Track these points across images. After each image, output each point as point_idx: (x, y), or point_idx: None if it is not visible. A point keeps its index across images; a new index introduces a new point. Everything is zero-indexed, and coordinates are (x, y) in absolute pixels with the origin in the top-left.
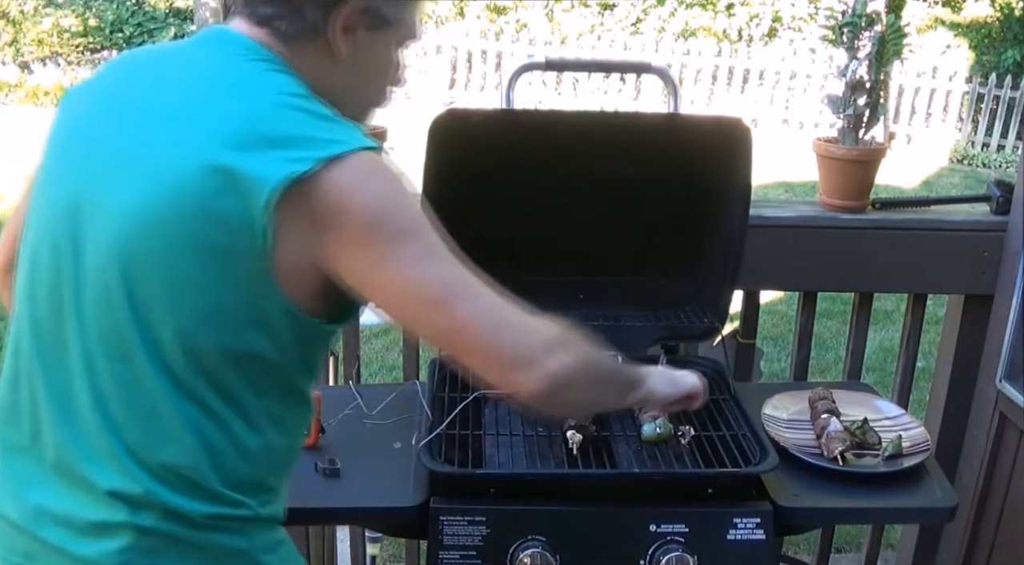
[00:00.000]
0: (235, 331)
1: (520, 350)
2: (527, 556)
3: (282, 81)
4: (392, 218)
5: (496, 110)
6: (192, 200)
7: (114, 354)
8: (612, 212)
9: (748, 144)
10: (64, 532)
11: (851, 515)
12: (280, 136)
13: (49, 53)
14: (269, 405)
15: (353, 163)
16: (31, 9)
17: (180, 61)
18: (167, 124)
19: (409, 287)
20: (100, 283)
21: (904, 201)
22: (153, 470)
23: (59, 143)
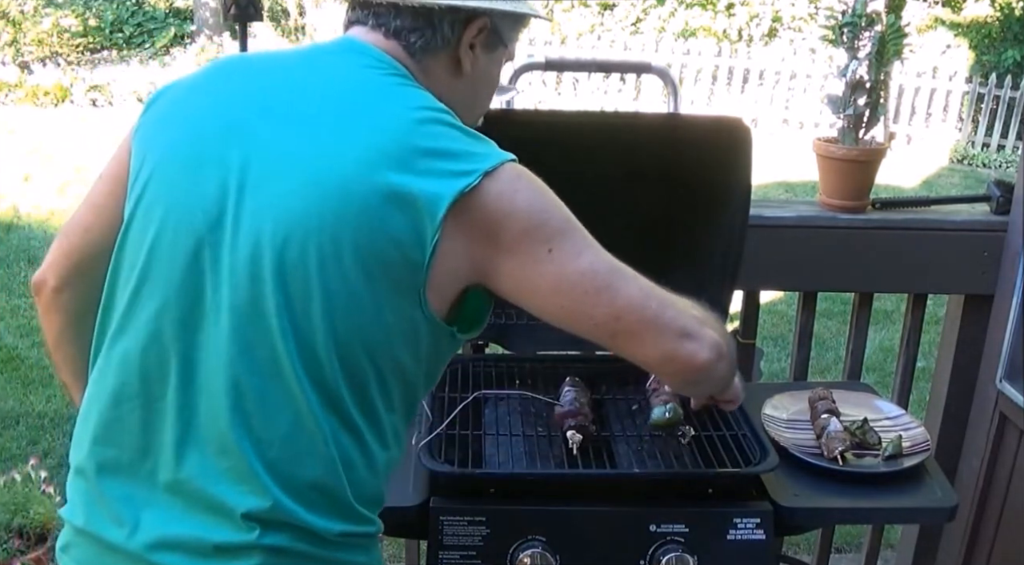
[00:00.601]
0: (387, 341)
1: (685, 323)
2: (527, 556)
3: (422, 96)
4: (548, 219)
5: (496, 110)
6: (360, 213)
7: (262, 368)
8: (612, 212)
9: (748, 144)
10: (184, 556)
11: (851, 515)
12: (439, 151)
13: (49, 53)
14: (395, 419)
15: (505, 173)
16: (31, 9)
17: (319, 69)
18: (325, 132)
19: (568, 280)
20: (252, 294)
21: (904, 201)
22: (293, 488)
23: (180, 149)
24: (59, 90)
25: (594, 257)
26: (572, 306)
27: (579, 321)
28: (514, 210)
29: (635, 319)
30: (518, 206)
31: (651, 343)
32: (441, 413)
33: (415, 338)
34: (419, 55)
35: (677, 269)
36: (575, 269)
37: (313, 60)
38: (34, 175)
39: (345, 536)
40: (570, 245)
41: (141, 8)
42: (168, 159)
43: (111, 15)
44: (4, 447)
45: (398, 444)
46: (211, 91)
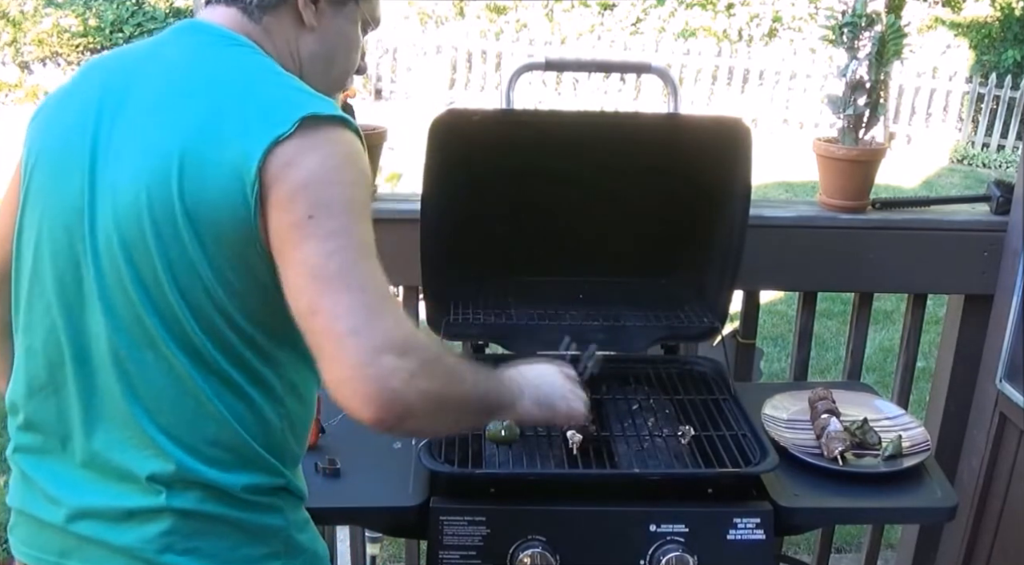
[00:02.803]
0: (237, 300)
1: (364, 364)
2: (527, 556)
3: (259, 59)
4: (329, 190)
5: (496, 110)
6: (185, 182)
7: (138, 341)
8: (612, 212)
9: (748, 144)
10: (101, 524)
11: (851, 515)
12: (266, 106)
13: (49, 53)
14: (284, 374)
15: (319, 130)
16: (31, 9)
17: (165, 54)
18: (155, 114)
19: (303, 253)
20: (112, 274)
21: (904, 201)
22: (191, 447)
23: (49, 152)
24: None
25: (342, 247)
26: (291, 282)
27: (291, 298)
28: (301, 165)
29: (324, 324)
30: (307, 163)
31: (326, 360)
32: None
33: (265, 291)
34: (257, 15)
35: (677, 269)
36: (315, 247)
37: (156, 48)
38: None
39: (252, 490)
40: (329, 224)
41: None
42: (41, 163)
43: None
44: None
45: (297, 398)
46: (75, 94)
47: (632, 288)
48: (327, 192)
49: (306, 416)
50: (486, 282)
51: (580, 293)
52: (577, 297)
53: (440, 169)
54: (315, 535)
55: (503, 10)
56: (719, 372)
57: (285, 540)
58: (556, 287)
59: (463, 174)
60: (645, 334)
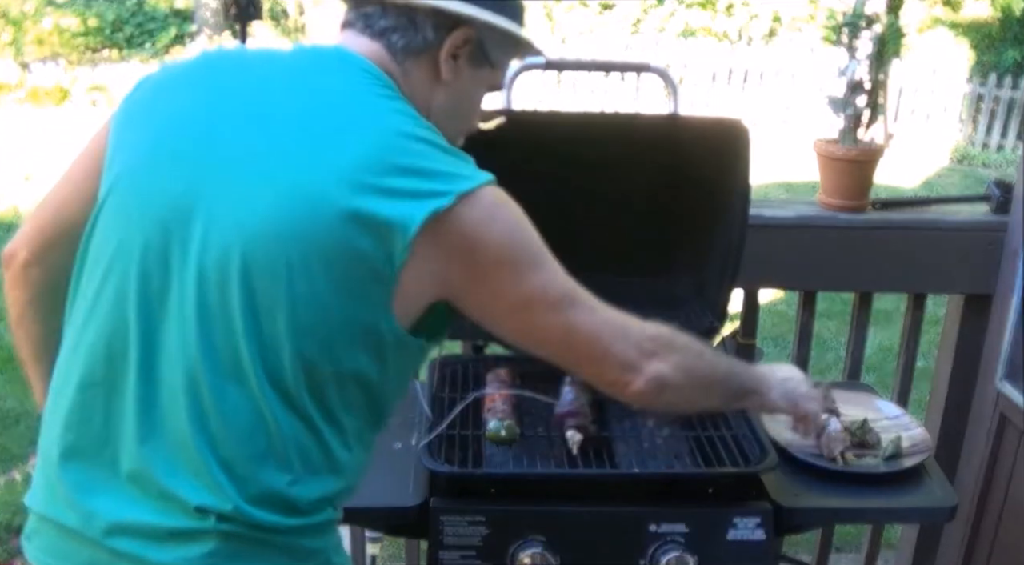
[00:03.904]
0: (350, 350)
1: (629, 355)
2: (527, 556)
3: (405, 111)
4: (522, 252)
5: (496, 110)
6: (330, 228)
7: (224, 370)
8: (612, 212)
9: (748, 144)
10: (139, 541)
11: (851, 515)
12: (414, 169)
13: (49, 53)
14: (359, 424)
15: (483, 199)
16: (31, 9)
17: (304, 75)
18: (304, 143)
19: (530, 302)
20: (216, 294)
21: (904, 201)
22: (245, 487)
23: (154, 138)
24: (59, 90)
25: (552, 280)
26: (528, 327)
27: (534, 340)
28: (490, 239)
29: (584, 345)
30: (494, 235)
31: (595, 369)
32: (441, 413)
33: (379, 348)
34: (401, 57)
35: (677, 269)
36: (538, 293)
37: (300, 65)
38: (34, 175)
39: (299, 528)
40: (538, 277)
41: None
42: (145, 151)
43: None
44: (4, 447)
45: (363, 447)
46: (195, 84)
47: (632, 288)
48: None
49: (368, 461)
50: None
51: None
52: None
53: None
54: (345, 554)
55: None
56: None
57: (325, 561)
58: None
59: None
60: None
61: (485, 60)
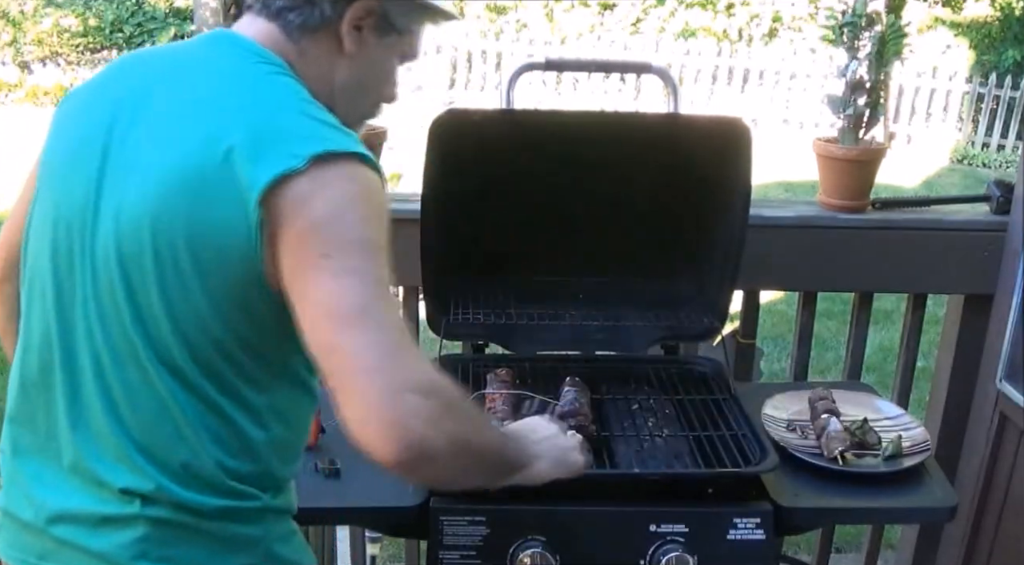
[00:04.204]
0: (230, 327)
1: (387, 402)
2: (527, 556)
3: (288, 83)
4: (342, 227)
5: (496, 110)
6: (192, 203)
7: (122, 357)
8: (612, 212)
9: (748, 144)
10: (78, 528)
11: (851, 515)
12: (281, 136)
13: (49, 53)
14: (273, 399)
15: (335, 167)
16: (31, 9)
17: (191, 65)
18: (171, 127)
19: (320, 293)
20: (106, 286)
21: (904, 201)
22: (165, 468)
23: (64, 147)
24: (59, 90)
25: (359, 284)
26: (307, 319)
27: (307, 336)
28: (315, 203)
29: (344, 363)
30: (321, 200)
31: (346, 400)
32: None
33: (260, 318)
34: (297, 35)
35: (677, 269)
36: (330, 285)
37: (190, 56)
38: None
39: (226, 510)
40: (344, 262)
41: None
42: (56, 159)
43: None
44: None
45: (283, 423)
46: (98, 91)
47: (632, 288)
48: (341, 231)
49: (295, 440)
50: (486, 282)
51: (580, 293)
52: (577, 297)
53: (440, 169)
54: (300, 546)
55: (503, 10)
56: (719, 372)
57: (264, 551)
58: (556, 287)
59: (463, 174)
60: (645, 334)
61: (391, 28)
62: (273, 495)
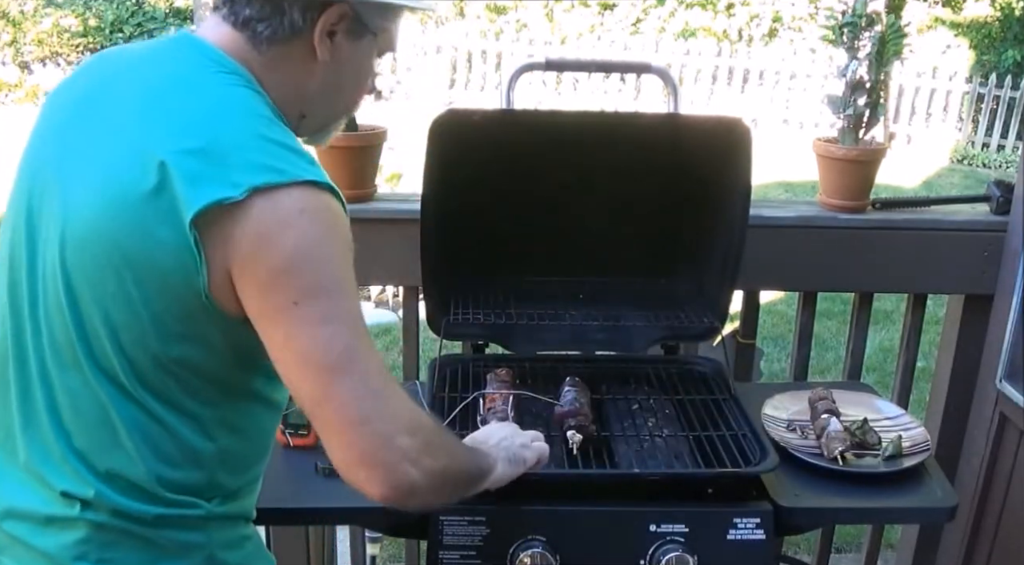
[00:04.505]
0: (169, 343)
1: (384, 448)
2: (527, 556)
3: (245, 97)
4: (309, 271)
5: (496, 110)
6: (131, 219)
7: (64, 362)
8: (612, 212)
9: (748, 144)
10: (26, 526)
11: (851, 515)
12: (225, 155)
13: (49, 53)
14: (222, 413)
15: (287, 200)
16: (31, 9)
17: (147, 67)
18: (119, 134)
19: (297, 341)
20: (51, 291)
21: (904, 201)
22: (101, 475)
23: (33, 144)
24: None
25: (336, 332)
26: (289, 368)
27: (291, 384)
28: (278, 246)
29: (334, 413)
30: (284, 243)
31: (336, 445)
32: (441, 413)
33: (205, 338)
34: (265, 47)
35: (677, 269)
36: (310, 334)
37: (144, 59)
38: None
39: (164, 518)
40: (319, 308)
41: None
42: (22, 162)
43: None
44: None
45: (235, 435)
46: (63, 93)
47: (632, 288)
48: (311, 276)
49: (248, 451)
50: (486, 282)
51: (580, 293)
52: (577, 297)
53: (440, 169)
54: (253, 552)
55: (503, 10)
56: (719, 372)
57: (208, 558)
58: (556, 287)
59: (463, 174)
60: (645, 334)
61: (365, 30)
62: (220, 502)
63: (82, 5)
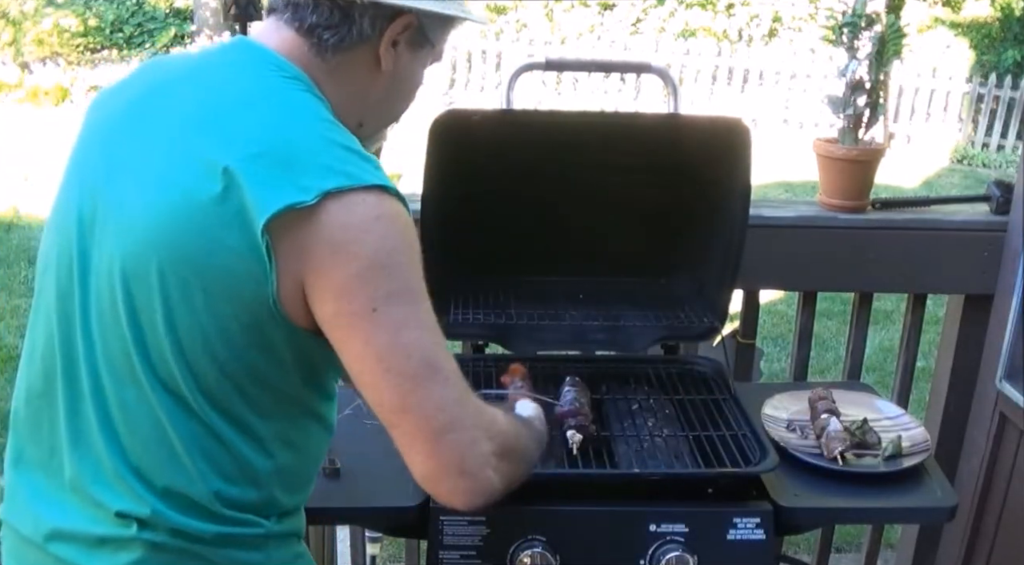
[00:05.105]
0: (235, 353)
1: (467, 457)
2: (527, 556)
3: (308, 101)
4: (388, 276)
5: (496, 110)
6: (198, 226)
7: (120, 375)
8: (612, 212)
9: (748, 144)
10: (75, 547)
11: (851, 515)
12: (294, 159)
13: (49, 53)
14: (280, 428)
15: (360, 204)
16: (31, 9)
17: (207, 74)
18: (179, 142)
19: (377, 348)
20: (106, 301)
21: (904, 201)
22: (158, 492)
23: (81, 150)
24: (59, 90)
25: (417, 338)
26: (368, 377)
27: (369, 393)
28: (356, 252)
29: (417, 423)
30: (362, 248)
31: (419, 455)
32: None
33: (271, 347)
34: (330, 54)
35: (677, 269)
36: (389, 341)
37: (208, 65)
38: (33, 175)
39: (225, 537)
40: (398, 314)
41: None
42: (70, 168)
43: (111, 15)
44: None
45: (291, 451)
46: (117, 96)
47: (632, 288)
48: (389, 281)
49: (303, 468)
50: (486, 282)
51: (580, 293)
52: (577, 297)
53: (440, 169)
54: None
55: (503, 10)
56: (719, 372)
57: None
58: (556, 287)
59: (463, 174)
60: (645, 334)
61: (426, 41)
62: (277, 521)
63: (82, 5)
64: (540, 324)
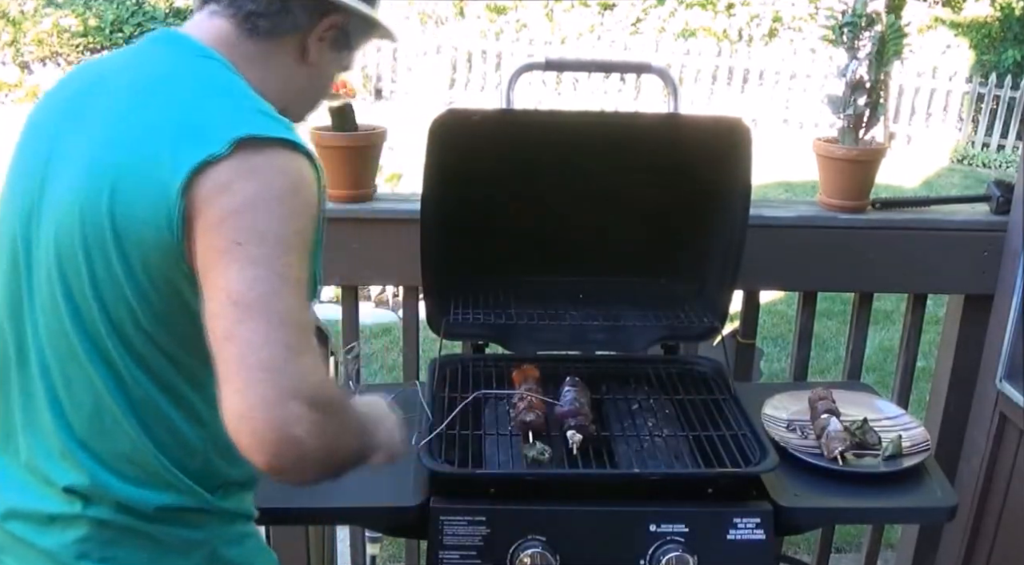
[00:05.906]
0: (158, 317)
1: (271, 404)
2: (527, 556)
3: (221, 73)
4: (265, 216)
5: (496, 110)
6: (118, 198)
7: (62, 353)
8: (612, 212)
9: (748, 144)
10: (28, 525)
11: (851, 515)
12: (206, 122)
13: (49, 53)
14: (211, 395)
15: (260, 154)
16: (31, 9)
17: (127, 67)
18: (106, 127)
19: (228, 280)
20: (44, 284)
21: (904, 201)
22: (105, 461)
23: (24, 149)
24: None
25: (265, 277)
26: (210, 306)
27: (209, 323)
28: (239, 190)
29: (240, 351)
30: (245, 188)
31: (230, 388)
32: (441, 413)
33: (192, 315)
34: (263, 40)
35: (677, 269)
36: (238, 271)
37: (128, 58)
38: None
39: (168, 511)
40: (258, 253)
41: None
42: (12, 166)
43: (111, 15)
44: None
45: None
46: (53, 97)
47: (632, 288)
48: (260, 220)
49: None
50: (486, 281)
51: (580, 293)
52: (577, 297)
53: (440, 169)
54: (254, 549)
55: (503, 10)
56: (719, 372)
57: (209, 554)
58: (556, 287)
59: (463, 174)
60: (645, 334)
61: (346, 44)
62: (221, 497)
63: (82, 5)
64: (540, 324)
